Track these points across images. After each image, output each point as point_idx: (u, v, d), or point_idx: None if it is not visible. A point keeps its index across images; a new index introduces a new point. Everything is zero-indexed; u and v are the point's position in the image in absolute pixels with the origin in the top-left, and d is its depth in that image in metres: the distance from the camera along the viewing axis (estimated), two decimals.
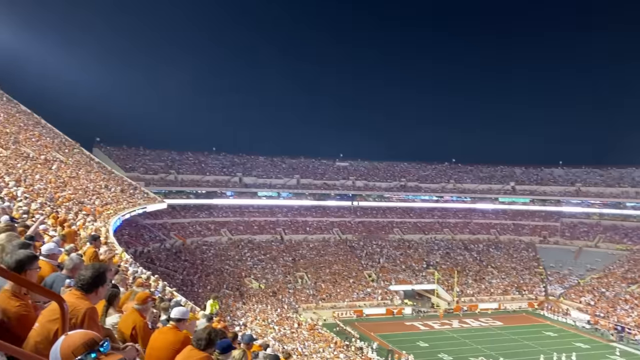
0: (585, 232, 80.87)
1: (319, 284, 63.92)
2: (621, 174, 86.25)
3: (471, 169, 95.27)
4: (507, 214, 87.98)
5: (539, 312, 63.67)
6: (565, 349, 47.57)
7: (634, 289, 61.80)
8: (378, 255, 73.09)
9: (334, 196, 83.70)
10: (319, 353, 40.19)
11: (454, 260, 74.40)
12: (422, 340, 50.46)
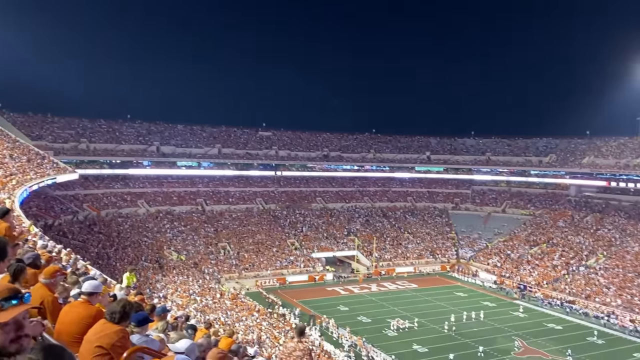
0: (493, 198, 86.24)
1: (242, 254, 63.90)
2: (527, 144, 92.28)
3: (390, 139, 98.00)
4: (423, 182, 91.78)
5: (450, 274, 67.66)
6: (474, 307, 51.09)
7: (535, 250, 67.09)
8: (301, 224, 74.00)
9: (256, 166, 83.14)
10: (242, 321, 40.50)
11: (373, 227, 76.91)
12: (342, 304, 52.15)
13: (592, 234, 66.75)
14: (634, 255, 58.52)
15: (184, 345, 3.83)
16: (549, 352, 39.72)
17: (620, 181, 72.65)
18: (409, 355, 38.35)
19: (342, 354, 36.91)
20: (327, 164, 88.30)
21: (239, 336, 32.65)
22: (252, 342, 32.31)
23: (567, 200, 78.87)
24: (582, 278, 57.37)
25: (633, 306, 49.53)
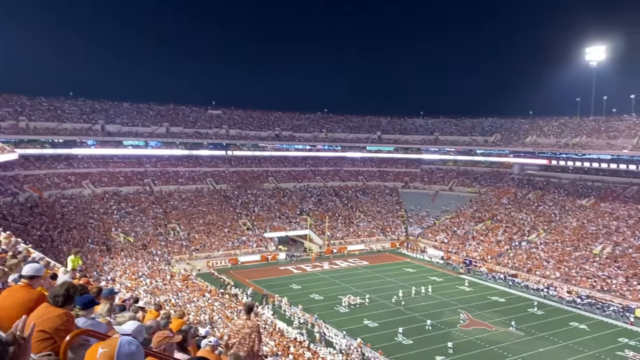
0: (441, 177, 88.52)
1: (193, 235, 63.07)
2: (473, 123, 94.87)
3: (342, 119, 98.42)
4: (374, 161, 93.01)
5: (400, 251, 69.30)
6: (423, 282, 52.67)
7: (480, 227, 69.56)
8: (253, 204, 73.63)
9: (206, 145, 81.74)
10: (194, 302, 40.17)
11: (325, 206, 77.51)
12: (295, 283, 52.57)
13: (533, 210, 69.75)
14: (572, 230, 61.67)
15: (130, 327, 3.76)
16: (492, 323, 41.56)
17: (560, 159, 76.01)
18: (359, 330, 39.21)
19: (295, 331, 37.32)
20: (279, 143, 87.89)
21: (191, 317, 32.42)
22: (204, 323, 32.17)
23: (511, 178, 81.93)
24: (524, 253, 60.06)
25: (570, 278, 52.39)
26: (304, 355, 31.22)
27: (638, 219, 59.58)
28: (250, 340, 6.20)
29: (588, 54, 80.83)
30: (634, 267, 51.05)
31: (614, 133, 72.89)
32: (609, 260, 53.50)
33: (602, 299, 47.38)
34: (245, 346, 6.16)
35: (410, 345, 36.53)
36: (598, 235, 59.01)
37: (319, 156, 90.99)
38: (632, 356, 35.34)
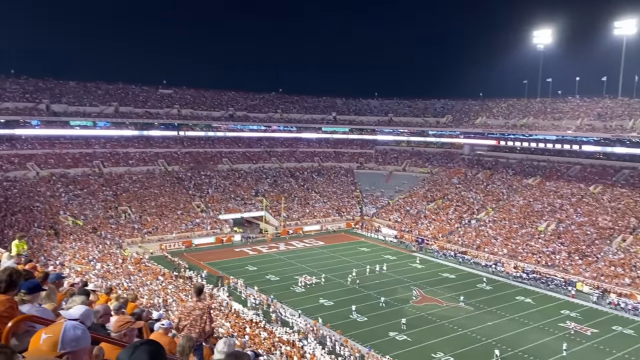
0: (395, 158, 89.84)
1: (145, 218, 61.76)
2: (425, 105, 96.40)
3: (297, 99, 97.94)
4: (330, 142, 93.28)
5: (355, 231, 70.24)
6: (377, 261, 53.68)
7: (432, 206, 71.24)
8: (207, 186, 72.66)
9: (158, 126, 79.71)
10: (147, 286, 39.55)
11: (281, 187, 77.38)
12: (250, 264, 52.52)
13: (482, 189, 71.95)
14: (518, 209, 64.05)
15: (77, 312, 3.66)
16: (443, 299, 42.92)
17: (508, 140, 78.43)
18: (315, 309, 39.69)
19: (251, 312, 37.40)
20: (233, 123, 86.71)
21: (144, 300, 31.94)
22: (158, 306, 31.76)
23: (462, 158, 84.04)
24: (473, 230, 62.02)
25: (517, 254, 54.58)
26: (260, 335, 31.39)
27: (580, 197, 62.47)
28: (201, 322, 6.20)
29: (535, 37, 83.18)
30: (576, 243, 53.66)
31: (559, 114, 75.72)
32: (553, 237, 56.00)
33: (546, 274, 49.67)
34: (197, 327, 6.14)
35: (365, 322, 37.31)
36: (543, 213, 61.56)
37: (274, 137, 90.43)
38: (573, 327, 37.33)
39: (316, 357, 29.43)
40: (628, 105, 70.76)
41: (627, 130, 64.82)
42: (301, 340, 32.38)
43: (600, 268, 48.71)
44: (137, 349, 2.20)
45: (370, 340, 33.82)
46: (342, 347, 31.90)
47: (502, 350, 32.55)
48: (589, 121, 70.49)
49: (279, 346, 29.62)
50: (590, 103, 75.69)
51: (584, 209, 59.73)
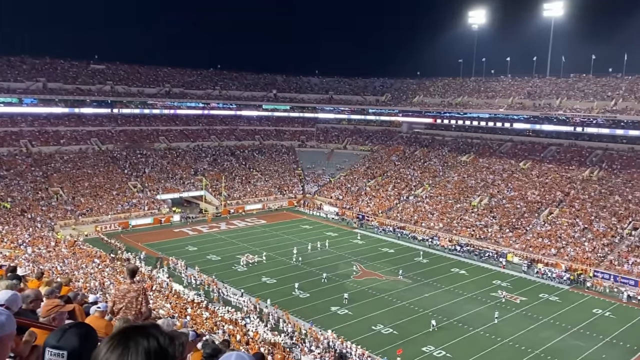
0: (336, 136, 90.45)
1: (78, 199, 59.28)
2: (365, 83, 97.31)
3: (236, 76, 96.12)
4: (270, 120, 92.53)
5: (297, 209, 70.53)
6: (319, 238, 54.27)
7: (372, 183, 72.56)
8: (143, 165, 70.45)
9: (90, 103, 76.07)
10: (82, 269, 38.19)
11: (221, 166, 76.25)
12: (191, 244, 51.74)
13: (420, 166, 73.93)
14: (453, 184, 66.37)
15: (2, 297, 3.48)
16: (383, 273, 44.13)
17: (444, 118, 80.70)
18: (258, 287, 39.78)
19: (192, 292, 37.00)
20: (170, 100, 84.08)
21: (79, 284, 30.85)
22: (95, 290, 30.78)
23: (400, 136, 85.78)
24: (411, 206, 63.82)
25: (452, 228, 56.75)
26: (202, 315, 31.17)
27: (511, 173, 65.48)
28: (137, 304, 6.07)
29: (470, 17, 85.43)
30: (507, 216, 56.38)
31: (492, 93, 78.58)
32: (485, 211, 58.56)
33: (479, 246, 52.02)
34: (133, 310, 6.02)
35: (307, 299, 37.81)
36: (476, 188, 64.13)
37: (213, 114, 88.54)
38: (504, 296, 39.43)
39: (259, 335, 29.61)
40: (556, 85, 74.41)
41: (555, 109, 68.22)
42: (244, 319, 32.44)
43: (529, 240, 51.55)
44: (65, 332, 2.11)
45: (313, 315, 34.37)
46: (285, 324, 32.23)
47: (438, 320, 33.97)
48: (520, 100, 73.62)
49: (222, 325, 29.55)
50: (520, 82, 78.99)
51: (514, 184, 62.72)
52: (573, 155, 65.99)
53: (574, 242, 49.36)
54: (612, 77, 70.95)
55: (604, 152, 64.52)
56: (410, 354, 29.23)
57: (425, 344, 30.80)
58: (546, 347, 31.04)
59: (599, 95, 67.52)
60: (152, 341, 1.65)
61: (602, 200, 55.00)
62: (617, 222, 50.81)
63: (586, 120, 65.25)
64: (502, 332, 32.98)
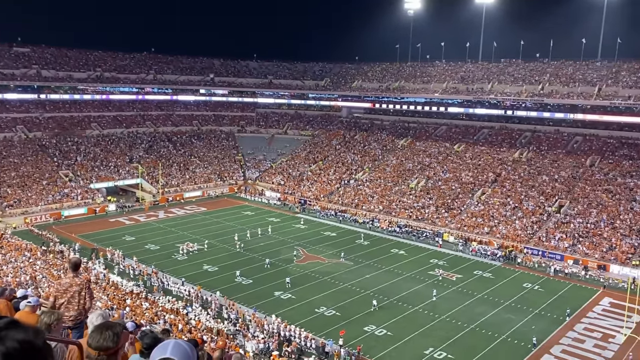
0: (276, 121, 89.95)
1: (4, 190, 55.99)
2: (305, 68, 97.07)
3: (172, 60, 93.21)
4: (208, 105, 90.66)
5: (238, 195, 69.84)
6: (261, 224, 54.09)
7: (313, 168, 72.90)
8: (75, 153, 67.37)
9: (14, 88, 71.61)
10: (11, 263, 36.27)
11: (157, 152, 74.12)
12: (128, 234, 50.22)
13: (360, 150, 74.95)
14: (392, 168, 67.82)
15: None
16: (325, 256, 44.67)
17: (382, 103, 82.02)
18: (199, 275, 39.28)
19: (130, 283, 36.03)
20: (102, 85, 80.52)
21: (8, 279, 29.35)
22: (25, 284, 29.34)
23: (340, 121, 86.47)
24: (352, 190, 64.75)
25: (391, 210, 58.10)
26: (142, 306, 30.46)
27: (446, 156, 67.64)
28: (80, 298, 5.84)
29: (406, 2, 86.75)
30: (443, 197, 58.33)
31: (427, 78, 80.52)
32: (422, 193, 60.32)
33: (417, 227, 53.60)
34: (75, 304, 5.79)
35: (250, 285, 37.74)
36: (414, 171, 65.86)
37: (148, 99, 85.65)
38: (441, 274, 40.95)
39: (201, 323, 29.31)
40: (487, 70, 77.20)
41: (486, 93, 70.85)
42: (185, 308, 31.99)
43: (464, 219, 53.65)
44: None
45: (256, 301, 34.38)
46: (227, 311, 32.06)
47: (379, 300, 34.89)
48: (454, 84, 75.90)
49: (163, 315, 29.02)
50: (454, 67, 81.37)
51: (449, 166, 64.88)
52: (504, 137, 68.96)
53: (505, 221, 51.82)
54: (539, 62, 74.43)
55: (533, 134, 67.83)
56: (353, 334, 29.90)
57: (367, 324, 31.57)
58: (481, 321, 32.61)
59: (527, 80, 70.70)
60: (9, 342, 1.43)
61: (531, 180, 57.96)
62: (545, 200, 53.77)
63: (516, 103, 68.25)
64: (439, 308, 34.31)
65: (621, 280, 39.34)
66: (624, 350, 28.89)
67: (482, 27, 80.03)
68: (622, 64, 66.78)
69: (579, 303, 35.95)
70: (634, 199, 50.55)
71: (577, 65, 70.41)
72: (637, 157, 57.32)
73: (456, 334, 30.76)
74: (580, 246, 46.00)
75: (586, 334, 31.12)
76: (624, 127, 62.69)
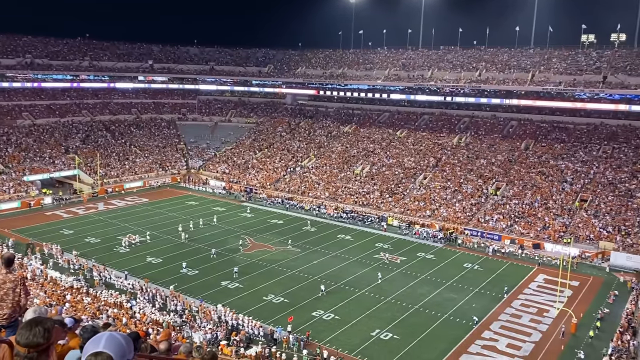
0: (219, 108, 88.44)
1: None
2: (247, 54, 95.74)
3: (108, 46, 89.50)
4: (148, 93, 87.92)
5: (182, 185, 68.41)
6: (206, 214, 53.34)
7: (259, 156, 72.38)
8: (5, 144, 63.74)
9: None
10: None
11: (95, 142, 71.33)
12: (66, 228, 48.27)
13: (305, 137, 75.03)
14: (337, 154, 68.38)
15: None
16: (273, 244, 44.66)
17: (327, 90, 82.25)
18: (142, 268, 38.36)
19: (70, 278, 34.72)
20: (33, 73, 76.31)
21: None
22: None
23: (285, 108, 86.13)
24: (298, 177, 64.84)
25: (337, 196, 58.68)
26: (83, 301, 29.48)
27: (389, 142, 68.84)
28: (15, 295, 5.58)
29: None
30: (387, 182, 59.46)
31: (370, 65, 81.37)
32: (367, 179, 61.25)
33: (362, 212, 54.45)
34: (9, 302, 5.53)
35: (196, 276, 37.25)
36: (358, 157, 66.68)
37: (83, 87, 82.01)
38: (386, 257, 41.88)
39: (146, 316, 28.71)
40: (427, 57, 78.88)
41: (427, 80, 72.47)
42: (129, 301, 31.22)
43: (407, 203, 54.97)
44: None
45: (203, 292, 34.00)
46: (173, 303, 31.53)
47: (327, 285, 35.34)
48: (396, 71, 77.12)
49: (105, 309, 28.20)
50: (396, 54, 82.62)
51: (392, 152, 66.12)
52: (444, 123, 70.91)
53: (446, 204, 53.51)
54: (476, 49, 76.76)
55: (471, 119, 70.10)
56: (302, 319, 30.18)
57: (315, 309, 31.93)
58: (425, 301, 33.68)
59: (465, 67, 72.80)
60: None
61: (470, 164, 60.02)
62: (483, 183, 55.87)
63: (455, 90, 70.19)
64: (385, 291, 35.14)
65: (554, 257, 41.59)
66: (557, 323, 30.67)
67: (422, 14, 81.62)
68: (553, 51, 70.02)
69: (516, 280, 37.76)
70: (565, 180, 53.41)
71: (511, 52, 73.17)
72: (568, 140, 60.48)
73: (401, 314, 31.64)
74: (517, 226, 48.22)
75: (523, 310, 32.78)
76: (555, 111, 65.86)
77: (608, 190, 50.42)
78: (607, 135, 59.92)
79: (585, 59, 66.56)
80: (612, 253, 41.70)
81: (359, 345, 27.71)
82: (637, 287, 35.94)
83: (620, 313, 32.12)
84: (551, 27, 71.23)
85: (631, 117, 60.71)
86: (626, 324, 29.80)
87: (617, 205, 47.97)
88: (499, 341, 28.61)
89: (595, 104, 61.21)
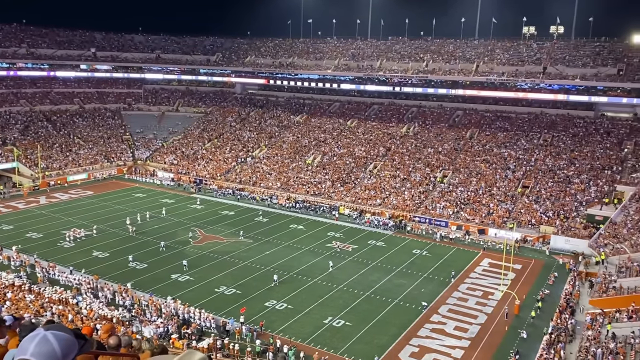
0: (166, 97, 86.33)
1: None
2: (195, 42, 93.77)
3: (47, 32, 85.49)
4: (91, 82, 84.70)
5: (128, 177, 66.51)
6: (154, 206, 52.18)
7: (208, 146, 71.26)
8: None
9: None
10: None
11: (35, 134, 68.26)
12: (5, 223, 46.11)
13: (256, 127, 74.42)
14: (289, 144, 68.24)
15: None
16: (224, 236, 44.25)
17: (277, 79, 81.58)
18: (88, 262, 37.21)
19: (11, 275, 33.25)
20: None
21: None
22: None
23: (234, 97, 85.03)
24: (250, 168, 64.35)
25: (289, 187, 58.67)
26: (26, 298, 28.35)
27: (340, 131, 69.29)
28: None
29: None
30: (338, 172, 59.92)
31: (319, 54, 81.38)
32: (318, 168, 61.50)
33: (314, 202, 54.70)
34: None
35: (145, 269, 36.49)
36: (310, 147, 66.80)
37: (21, 76, 78.04)
38: (338, 246, 42.33)
39: (94, 312, 27.94)
40: (376, 47, 79.66)
41: (376, 70, 73.23)
42: (75, 297, 30.26)
43: (358, 192, 55.64)
44: None
45: (152, 285, 33.38)
46: (122, 297, 30.79)
47: (280, 275, 35.41)
48: (345, 61, 77.51)
49: (50, 307, 27.24)
50: (345, 44, 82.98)
51: (343, 141, 66.62)
52: (393, 113, 72.00)
53: (395, 192, 54.52)
54: (423, 39, 78.15)
55: (418, 109, 71.48)
56: (254, 310, 30.16)
57: (268, 299, 31.96)
58: (376, 288, 34.33)
59: (413, 57, 74.02)
60: None
61: (418, 153, 61.31)
62: (430, 171, 57.24)
63: (403, 80, 71.20)
64: (337, 279, 35.57)
65: (498, 242, 43.24)
66: (501, 305, 31.98)
67: (370, 4, 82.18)
68: (496, 43, 72.21)
69: (462, 265, 39.05)
70: (508, 167, 55.46)
71: (457, 43, 74.95)
72: (511, 129, 62.73)
73: (353, 301, 32.14)
74: (463, 213, 49.75)
75: (469, 293, 33.97)
76: (499, 101, 68.09)
77: (548, 177, 52.77)
78: (546, 124, 62.57)
79: (526, 50, 69.04)
80: (552, 237, 43.72)
81: (312, 333, 28.00)
82: (575, 269, 37.90)
83: (560, 294, 33.82)
84: (495, 19, 73.40)
85: (569, 107, 63.55)
86: (565, 304, 31.42)
87: (556, 191, 50.29)
88: (447, 324, 29.58)
89: (535, 94, 63.64)
